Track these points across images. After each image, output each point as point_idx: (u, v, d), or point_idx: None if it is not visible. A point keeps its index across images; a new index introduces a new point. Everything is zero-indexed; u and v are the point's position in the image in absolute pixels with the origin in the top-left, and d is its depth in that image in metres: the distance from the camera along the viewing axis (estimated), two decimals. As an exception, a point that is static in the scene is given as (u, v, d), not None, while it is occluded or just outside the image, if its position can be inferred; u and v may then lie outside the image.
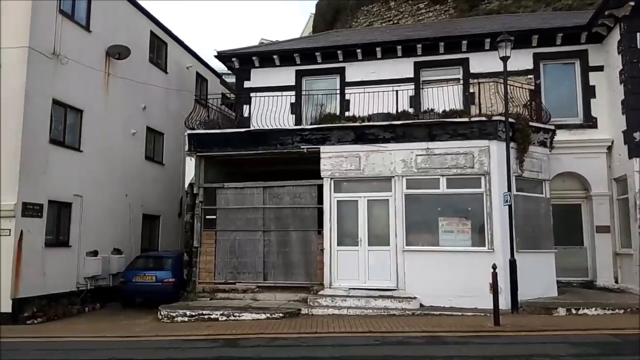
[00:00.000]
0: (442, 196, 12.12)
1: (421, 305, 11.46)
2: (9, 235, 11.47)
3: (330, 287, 12.17)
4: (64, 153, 13.14)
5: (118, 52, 14.85)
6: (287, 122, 14.10)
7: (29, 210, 11.86)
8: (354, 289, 12.02)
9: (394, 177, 12.29)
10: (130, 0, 16.16)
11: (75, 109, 13.65)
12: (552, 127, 12.86)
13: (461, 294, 11.26)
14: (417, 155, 12.21)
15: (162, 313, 11.50)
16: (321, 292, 12.13)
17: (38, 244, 12.12)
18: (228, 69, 16.83)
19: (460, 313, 10.94)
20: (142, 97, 16.46)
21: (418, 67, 14.79)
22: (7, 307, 11.33)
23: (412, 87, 14.41)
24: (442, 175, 12.09)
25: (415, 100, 14.37)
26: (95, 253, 13.80)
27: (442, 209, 12.08)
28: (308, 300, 11.96)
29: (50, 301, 12.33)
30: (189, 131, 13.77)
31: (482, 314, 10.60)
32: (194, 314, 11.31)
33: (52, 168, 12.65)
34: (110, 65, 14.94)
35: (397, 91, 13.36)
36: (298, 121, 14.89)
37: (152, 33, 17.38)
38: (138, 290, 13.61)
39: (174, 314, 11.37)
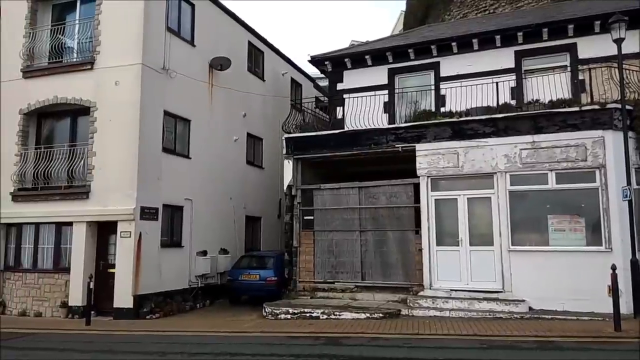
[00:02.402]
0: (551, 192, 11.34)
1: (530, 308, 10.81)
2: (130, 237, 12.57)
3: (430, 289, 11.90)
4: (175, 160, 14.17)
5: (220, 64, 15.74)
6: (381, 121, 14.03)
7: (146, 213, 12.93)
8: (455, 290, 11.63)
9: (496, 173, 11.73)
10: (230, 13, 17.05)
11: (183, 119, 14.68)
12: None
13: (575, 297, 10.45)
14: (521, 149, 11.54)
15: (266, 310, 11.98)
16: (421, 293, 11.90)
17: (155, 244, 13.17)
18: (321, 73, 17.11)
19: (574, 317, 10.16)
20: (242, 105, 17.30)
21: (519, 56, 13.96)
22: (129, 303, 12.42)
23: (514, 77, 13.63)
24: (551, 170, 11.32)
25: (517, 92, 13.59)
26: (204, 253, 14.75)
27: (551, 206, 11.31)
28: (408, 301, 11.78)
29: (166, 298, 13.33)
30: (286, 135, 14.23)
31: (599, 319, 9.77)
32: (296, 311, 11.64)
33: (165, 174, 13.69)
34: (213, 77, 15.88)
35: (497, 83, 12.73)
36: (391, 120, 14.74)
37: (249, 43, 18.21)
38: (243, 288, 14.32)
39: (278, 312, 11.78)
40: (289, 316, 11.60)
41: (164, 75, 13.76)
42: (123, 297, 12.44)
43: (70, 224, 13.29)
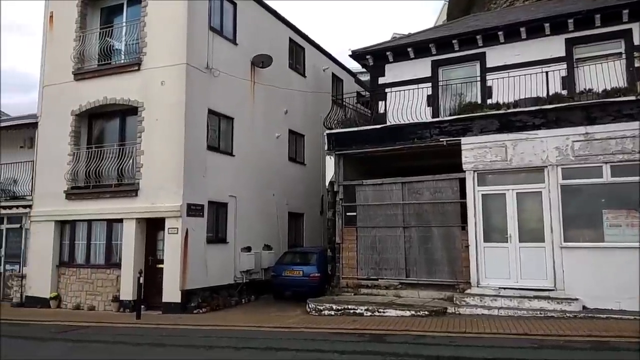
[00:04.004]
0: (606, 186, 10.80)
1: (584, 307, 10.35)
2: (177, 233, 12.88)
3: (477, 286, 11.59)
4: (219, 158, 14.40)
5: (262, 61, 15.86)
6: (424, 115, 13.74)
7: (192, 210, 13.20)
8: (504, 288, 11.29)
9: (546, 166, 11.27)
10: (271, 10, 17.15)
11: (227, 117, 14.89)
12: None
13: (632, 296, 9.98)
14: (573, 141, 11.04)
15: (310, 306, 12.01)
16: (468, 291, 11.61)
17: (201, 241, 13.44)
18: (362, 67, 16.94)
19: (632, 317, 9.64)
20: (284, 102, 17.39)
21: (570, 44, 13.34)
22: (177, 298, 12.73)
23: (564, 66, 13.02)
24: (605, 163, 10.78)
25: (568, 81, 12.98)
26: (249, 249, 14.95)
27: (606, 200, 10.78)
28: (454, 298, 11.52)
29: (212, 293, 13.58)
30: (328, 131, 14.18)
31: (661, 320, 9.23)
32: (339, 308, 11.61)
33: (210, 172, 13.93)
34: (255, 74, 16.02)
35: (546, 72, 12.23)
36: (435, 113, 14.41)
37: (290, 40, 18.26)
38: (287, 284, 14.41)
39: (321, 308, 11.79)
40: (332, 312, 11.58)
41: (207, 74, 13.98)
42: (171, 292, 12.77)
43: (120, 220, 13.75)
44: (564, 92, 12.48)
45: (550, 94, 12.03)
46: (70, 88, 14.91)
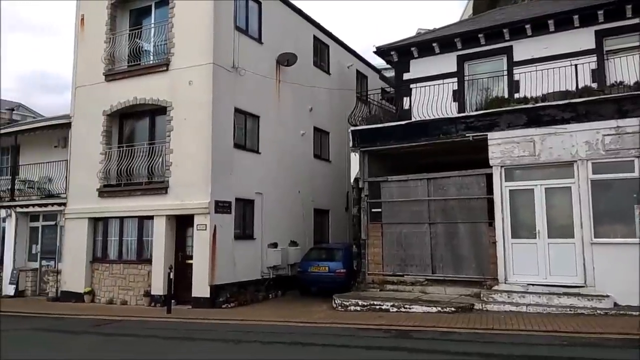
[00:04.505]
0: (638, 180, 10.53)
1: (615, 304, 10.16)
2: (205, 229, 13.14)
3: (505, 283, 11.48)
4: (245, 155, 14.61)
5: (287, 60, 16.00)
6: (450, 110, 13.63)
7: (220, 207, 13.43)
8: (532, 284, 11.15)
9: (576, 161, 11.07)
10: (295, 9, 17.25)
11: (253, 115, 15.08)
12: None
13: (667, 293, 9.69)
14: (604, 135, 10.81)
15: (336, 302, 12.10)
16: (495, 287, 11.51)
17: (229, 237, 13.66)
18: (387, 63, 16.89)
19: (667, 315, 9.42)
20: (309, 100, 17.50)
21: (600, 36, 13.03)
22: (206, 293, 13.00)
23: (594, 59, 12.74)
24: (637, 157, 10.52)
25: (598, 74, 12.70)
26: (275, 245, 15.13)
27: (638, 195, 10.51)
28: (481, 295, 11.44)
29: (240, 288, 13.81)
30: (352, 127, 14.22)
31: (698, 318, 8.98)
32: (365, 304, 11.66)
33: (237, 169, 14.15)
34: (280, 72, 16.16)
35: (575, 65, 11.98)
36: (461, 109, 14.29)
37: (315, 38, 18.34)
38: (313, 280, 14.53)
39: (347, 303, 11.87)
40: (358, 308, 11.65)
41: (233, 73, 14.18)
42: (200, 287, 13.04)
43: (151, 217, 14.11)
44: (594, 85, 12.23)
45: (580, 87, 11.80)
46: (101, 89, 15.33)
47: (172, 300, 12.70)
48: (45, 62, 65.20)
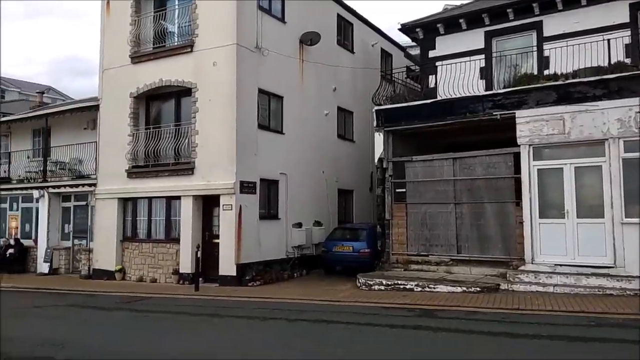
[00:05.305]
0: (673, 159, 10.21)
1: (646, 285, 9.95)
2: (231, 209, 13.32)
3: (532, 263, 11.35)
4: (269, 136, 14.67)
5: (310, 39, 15.87)
6: (477, 88, 13.34)
7: (245, 187, 13.58)
8: (560, 265, 11.00)
9: (607, 139, 10.77)
10: (318, -13, 17.04)
11: (276, 96, 15.08)
12: None
13: (701, 275, 9.44)
14: (636, 112, 10.46)
15: (360, 281, 12.18)
16: (522, 268, 11.40)
17: (254, 217, 13.84)
18: (412, 41, 16.60)
19: (701, 297, 9.20)
20: (332, 79, 17.37)
21: (635, 9, 12.51)
22: (232, 271, 13.24)
23: (628, 33, 12.25)
24: (672, 135, 10.18)
25: (632, 49, 12.22)
26: (299, 225, 15.26)
27: (672, 174, 10.21)
28: (507, 275, 11.35)
29: (265, 267, 14.02)
30: (376, 107, 14.08)
31: None
32: (389, 283, 11.71)
33: (261, 150, 14.23)
34: (304, 52, 16.06)
35: (608, 40, 11.55)
36: (488, 86, 13.98)
37: (338, 16, 18.11)
38: (337, 259, 14.65)
39: (371, 282, 11.94)
40: (382, 287, 11.71)
41: (257, 53, 14.17)
42: (227, 266, 13.29)
43: (178, 197, 14.37)
44: (627, 61, 11.79)
45: (613, 62, 11.40)
46: (127, 71, 15.53)
47: (200, 278, 12.99)
48: (77, 47, 66.26)
